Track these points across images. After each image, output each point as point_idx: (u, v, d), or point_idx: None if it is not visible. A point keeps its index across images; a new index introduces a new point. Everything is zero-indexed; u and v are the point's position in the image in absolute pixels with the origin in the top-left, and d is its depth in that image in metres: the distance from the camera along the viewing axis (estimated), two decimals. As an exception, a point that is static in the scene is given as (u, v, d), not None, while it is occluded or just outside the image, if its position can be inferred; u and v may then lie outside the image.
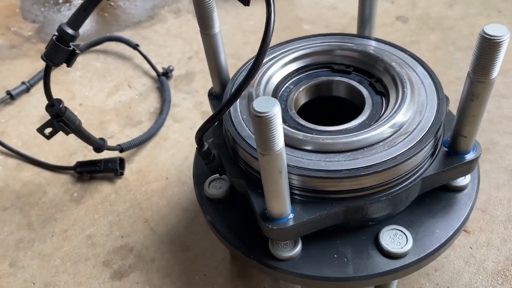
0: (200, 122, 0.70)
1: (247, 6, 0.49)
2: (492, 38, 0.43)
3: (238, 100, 0.60)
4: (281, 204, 0.49)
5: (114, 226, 0.81)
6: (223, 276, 0.72)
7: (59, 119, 0.73)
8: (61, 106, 0.73)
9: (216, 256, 0.74)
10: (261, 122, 0.40)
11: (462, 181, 0.59)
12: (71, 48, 0.65)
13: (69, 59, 0.66)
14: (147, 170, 0.90)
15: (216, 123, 0.67)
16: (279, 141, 0.42)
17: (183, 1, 1.39)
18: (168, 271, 0.73)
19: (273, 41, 0.66)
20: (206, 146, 0.58)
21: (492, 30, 0.42)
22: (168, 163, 0.91)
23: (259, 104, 0.40)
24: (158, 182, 0.87)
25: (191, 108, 1.03)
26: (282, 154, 0.44)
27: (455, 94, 0.52)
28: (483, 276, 0.67)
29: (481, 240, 0.72)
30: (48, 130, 0.76)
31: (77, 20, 0.59)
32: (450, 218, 0.57)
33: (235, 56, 1.14)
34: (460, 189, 0.59)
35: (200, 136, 0.55)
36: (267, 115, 0.39)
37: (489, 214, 0.75)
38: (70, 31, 0.64)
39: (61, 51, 0.64)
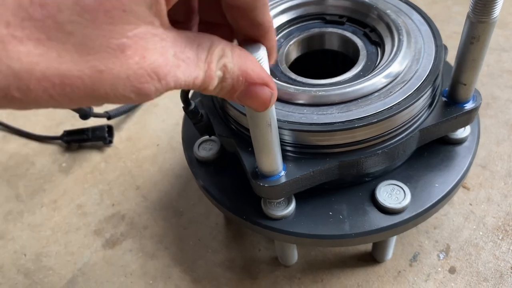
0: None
1: None
2: (494, -29, 0.40)
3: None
4: (272, 160, 0.47)
5: (105, 195, 0.79)
6: (217, 240, 0.70)
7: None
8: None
9: (210, 221, 0.73)
10: (245, 69, 0.37)
11: (462, 133, 0.57)
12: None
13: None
14: (137, 137, 0.87)
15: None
16: (266, 90, 0.39)
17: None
18: (161, 237, 0.72)
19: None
20: (193, 105, 0.55)
21: (494, -38, 0.39)
22: (159, 129, 0.88)
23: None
24: (149, 149, 0.85)
25: (181, 73, 0.99)
26: (271, 105, 0.41)
27: (453, 49, 0.50)
28: (483, 231, 0.66)
29: (481, 196, 0.70)
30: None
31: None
32: (450, 171, 0.55)
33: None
34: (460, 141, 0.57)
35: (185, 94, 0.53)
36: (252, 60, 0.36)
37: (489, 169, 0.73)
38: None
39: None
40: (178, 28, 0.30)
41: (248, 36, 0.36)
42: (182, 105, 0.54)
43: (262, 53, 0.36)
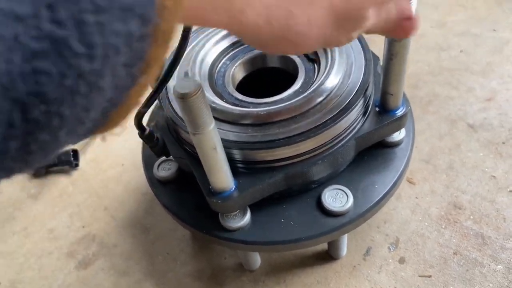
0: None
1: None
2: (400, -2, 0.45)
3: (176, 80, 0.61)
4: (222, 178, 0.51)
5: (75, 217, 0.82)
6: (185, 253, 0.74)
7: None
8: None
9: (177, 234, 0.76)
10: (185, 103, 0.41)
11: (397, 136, 0.62)
12: None
13: None
14: (102, 159, 0.90)
15: (154, 106, 0.67)
16: (208, 119, 0.43)
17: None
18: (131, 254, 0.75)
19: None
20: (148, 130, 0.58)
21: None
22: (123, 149, 0.91)
23: (180, 86, 0.41)
24: (114, 169, 0.88)
25: (141, 92, 1.02)
26: (214, 131, 0.45)
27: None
28: (428, 222, 0.72)
29: (425, 189, 0.76)
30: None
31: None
32: (388, 172, 0.60)
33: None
34: (396, 144, 0.62)
35: (138, 120, 0.56)
36: (189, 95, 0.40)
37: (432, 164, 0.79)
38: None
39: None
40: None
41: None
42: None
43: (197, 89, 0.40)
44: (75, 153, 0.89)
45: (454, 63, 0.95)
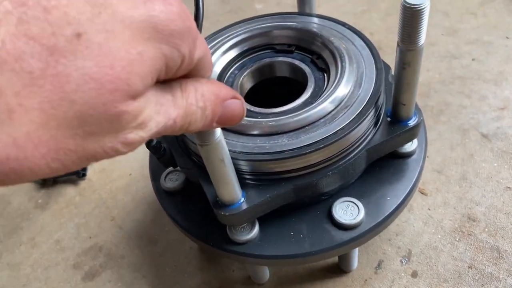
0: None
1: None
2: (413, 6, 0.44)
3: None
4: (230, 190, 0.50)
5: (82, 228, 0.81)
6: (192, 264, 0.73)
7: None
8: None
9: (185, 246, 0.75)
10: (191, 115, 0.40)
11: (410, 147, 0.61)
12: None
13: None
14: (110, 168, 0.90)
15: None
16: (215, 130, 0.42)
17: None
18: (138, 266, 0.74)
19: (227, 23, 0.66)
20: (155, 141, 0.58)
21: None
22: (131, 158, 0.90)
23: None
24: (122, 179, 0.87)
25: (150, 101, 1.02)
26: (221, 143, 0.44)
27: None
28: (442, 234, 0.70)
29: (438, 200, 0.74)
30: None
31: None
32: (400, 184, 0.59)
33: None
34: (408, 155, 0.61)
35: (146, 131, 0.55)
36: (196, 107, 0.39)
37: (444, 174, 0.77)
38: None
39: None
40: None
41: None
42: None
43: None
44: (83, 163, 0.88)
45: (466, 72, 0.93)
